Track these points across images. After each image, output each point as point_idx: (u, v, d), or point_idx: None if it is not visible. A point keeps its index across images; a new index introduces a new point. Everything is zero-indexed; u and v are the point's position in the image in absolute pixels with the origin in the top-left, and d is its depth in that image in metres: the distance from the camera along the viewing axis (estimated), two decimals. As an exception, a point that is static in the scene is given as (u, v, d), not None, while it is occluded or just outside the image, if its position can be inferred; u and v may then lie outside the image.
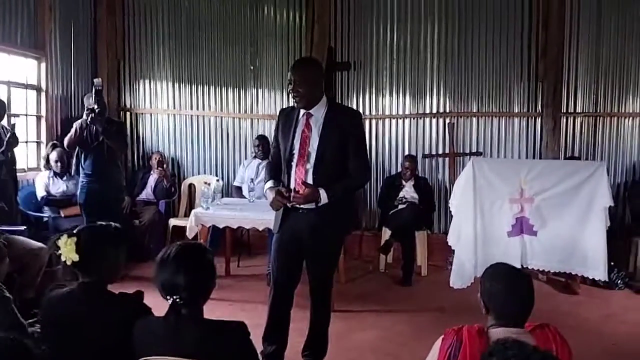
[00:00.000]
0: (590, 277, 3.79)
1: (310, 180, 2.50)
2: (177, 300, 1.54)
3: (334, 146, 2.49)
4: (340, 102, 5.28)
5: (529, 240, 3.73)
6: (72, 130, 4.06)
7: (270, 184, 2.63)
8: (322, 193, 2.44)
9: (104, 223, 1.83)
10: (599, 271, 3.61)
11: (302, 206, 2.51)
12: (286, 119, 2.63)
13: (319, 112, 2.53)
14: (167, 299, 1.56)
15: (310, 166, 2.52)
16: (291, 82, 2.50)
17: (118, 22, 5.43)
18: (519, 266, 3.23)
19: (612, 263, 4.24)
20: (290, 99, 2.58)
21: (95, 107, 3.93)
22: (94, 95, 3.95)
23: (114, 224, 1.83)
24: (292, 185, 2.54)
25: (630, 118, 4.90)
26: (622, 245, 4.56)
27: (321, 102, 2.54)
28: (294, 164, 2.55)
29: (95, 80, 4.09)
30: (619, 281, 4.29)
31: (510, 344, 1.16)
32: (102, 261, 1.72)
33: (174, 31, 5.44)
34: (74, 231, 1.73)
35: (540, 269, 3.90)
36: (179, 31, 5.43)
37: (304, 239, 2.55)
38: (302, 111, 2.55)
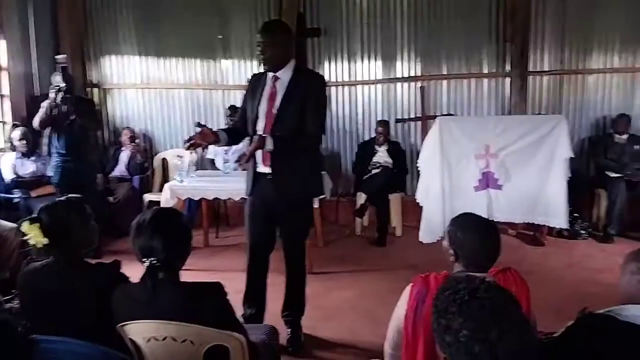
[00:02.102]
0: (553, 226, 4.07)
1: (271, 144, 2.54)
2: (154, 262, 1.57)
3: (295, 108, 2.58)
4: (312, 69, 5.41)
5: (494, 193, 3.96)
6: (42, 110, 4.09)
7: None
8: (269, 139, 2.51)
9: (60, 198, 1.86)
10: (560, 219, 3.89)
11: (265, 170, 2.62)
12: (256, 82, 2.72)
13: (285, 75, 2.62)
14: (144, 262, 1.59)
15: (271, 126, 2.60)
16: (259, 45, 2.57)
17: (78, -5, 5.40)
18: (485, 219, 3.48)
19: (576, 214, 4.55)
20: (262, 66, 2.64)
21: (63, 85, 3.99)
22: (61, 74, 4.01)
23: (72, 195, 1.86)
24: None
25: (594, 75, 5.13)
26: (585, 197, 4.86)
27: (288, 65, 2.62)
28: (258, 124, 2.65)
29: (57, 57, 4.12)
30: (583, 231, 4.59)
31: (462, 278, 1.19)
32: (71, 234, 1.74)
33: (137, 3, 5.44)
34: (34, 215, 1.75)
35: (506, 221, 4.15)
36: (143, 2, 5.44)
37: (273, 204, 2.66)
38: (270, 75, 2.64)
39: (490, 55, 5.22)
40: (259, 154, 2.63)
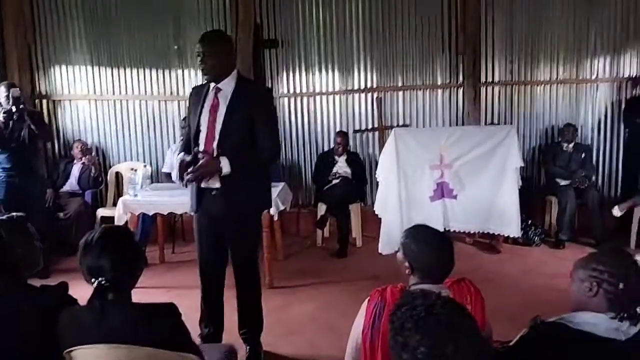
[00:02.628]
0: (506, 235, 4.20)
1: (214, 154, 2.50)
2: (102, 282, 1.54)
3: (241, 120, 2.49)
4: (269, 80, 5.43)
5: (449, 203, 4.06)
6: None
7: (181, 156, 2.59)
8: (224, 161, 2.43)
9: (1, 217, 1.79)
10: (512, 228, 4.02)
11: (211, 186, 2.54)
12: (196, 96, 2.63)
13: (228, 86, 2.55)
14: (92, 283, 1.56)
15: (216, 141, 2.51)
16: (199, 55, 2.50)
17: (25, 3, 5.21)
18: (441, 229, 3.55)
19: (529, 221, 4.72)
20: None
21: (14, 109, 3.89)
22: (11, 103, 3.91)
23: (14, 214, 1.80)
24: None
25: (542, 85, 5.36)
26: (537, 204, 5.05)
27: (231, 76, 2.55)
28: (201, 139, 2.55)
29: (11, 90, 3.98)
30: (536, 238, 4.75)
31: (417, 294, 1.21)
32: (12, 255, 1.68)
33: (88, 11, 5.29)
34: None
35: (461, 230, 4.25)
36: (94, 11, 5.30)
37: (219, 221, 2.60)
38: (211, 86, 2.57)
39: (444, 67, 5.36)
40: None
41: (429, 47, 5.33)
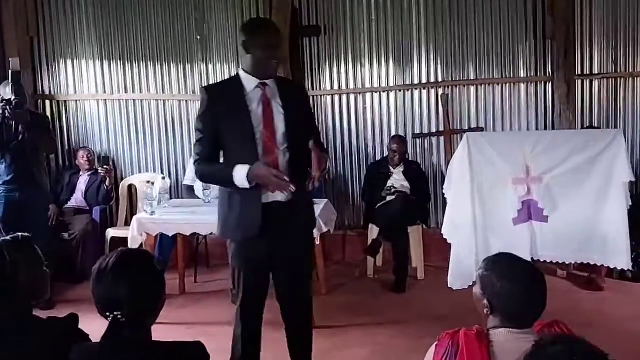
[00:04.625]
0: (610, 266, 4.03)
1: (284, 167, 2.57)
2: (118, 316, 1.58)
3: (301, 122, 2.60)
4: (309, 74, 5.47)
5: (538, 227, 3.94)
6: None
7: (238, 167, 2.54)
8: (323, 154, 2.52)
9: (4, 237, 1.88)
10: (619, 258, 3.85)
11: (277, 198, 2.58)
12: (224, 96, 2.64)
13: (271, 82, 2.64)
14: (107, 317, 1.60)
15: (282, 149, 2.60)
16: (271, 47, 2.57)
17: (27, -9, 5.46)
18: (527, 258, 3.45)
19: (640, 250, 4.52)
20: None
21: (13, 97, 3.99)
22: (10, 83, 3.99)
23: (20, 234, 1.86)
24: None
25: (657, 78, 5.20)
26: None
27: None
28: (259, 148, 2.59)
29: (10, 60, 4.11)
30: (650, 272, 4.56)
31: (550, 342, 1.30)
32: (17, 282, 1.75)
33: (98, -3, 5.50)
34: None
35: (552, 260, 4.12)
36: (104, -4, 5.50)
37: (278, 240, 2.65)
38: (252, 83, 2.61)
39: (527, 55, 5.26)
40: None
41: (509, 31, 5.25)
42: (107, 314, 1.60)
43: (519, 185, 3.95)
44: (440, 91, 5.37)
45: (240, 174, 2.51)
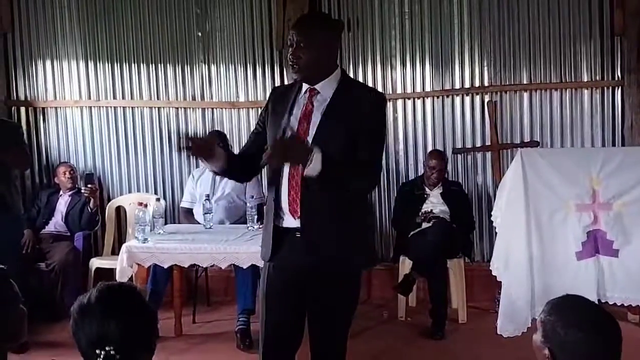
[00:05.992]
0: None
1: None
2: (111, 351, 1.60)
3: (338, 134, 2.59)
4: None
5: (606, 262, 3.93)
6: None
7: None
8: (317, 155, 2.46)
9: None
10: None
11: (294, 225, 2.61)
12: (280, 98, 2.76)
13: (327, 89, 2.66)
14: (98, 356, 1.61)
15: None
16: (291, 45, 2.62)
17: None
18: (594, 299, 3.41)
19: None
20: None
21: None
22: None
23: None
24: (282, 186, 2.63)
25: None
26: None
27: (332, 76, 2.67)
28: None
29: None
30: None
31: None
32: None
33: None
34: None
35: (625, 304, 4.08)
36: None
37: (304, 274, 2.64)
38: (304, 88, 2.69)
39: (592, 57, 5.25)
40: (284, 196, 2.63)
41: (570, 28, 5.24)
42: (98, 351, 1.61)
43: (584, 212, 3.94)
44: (487, 98, 5.37)
45: None
